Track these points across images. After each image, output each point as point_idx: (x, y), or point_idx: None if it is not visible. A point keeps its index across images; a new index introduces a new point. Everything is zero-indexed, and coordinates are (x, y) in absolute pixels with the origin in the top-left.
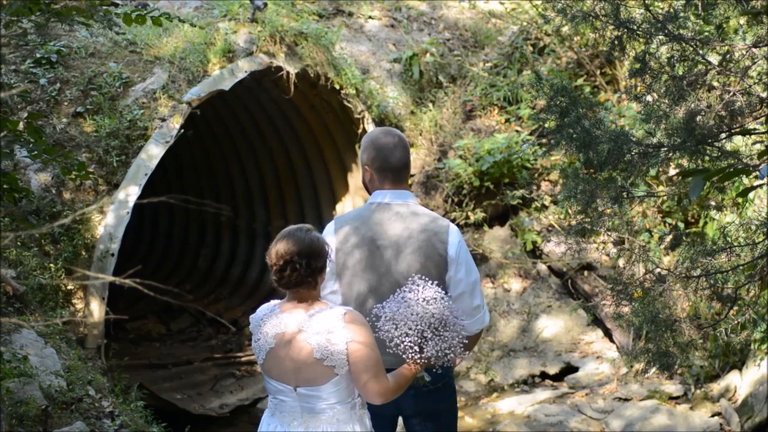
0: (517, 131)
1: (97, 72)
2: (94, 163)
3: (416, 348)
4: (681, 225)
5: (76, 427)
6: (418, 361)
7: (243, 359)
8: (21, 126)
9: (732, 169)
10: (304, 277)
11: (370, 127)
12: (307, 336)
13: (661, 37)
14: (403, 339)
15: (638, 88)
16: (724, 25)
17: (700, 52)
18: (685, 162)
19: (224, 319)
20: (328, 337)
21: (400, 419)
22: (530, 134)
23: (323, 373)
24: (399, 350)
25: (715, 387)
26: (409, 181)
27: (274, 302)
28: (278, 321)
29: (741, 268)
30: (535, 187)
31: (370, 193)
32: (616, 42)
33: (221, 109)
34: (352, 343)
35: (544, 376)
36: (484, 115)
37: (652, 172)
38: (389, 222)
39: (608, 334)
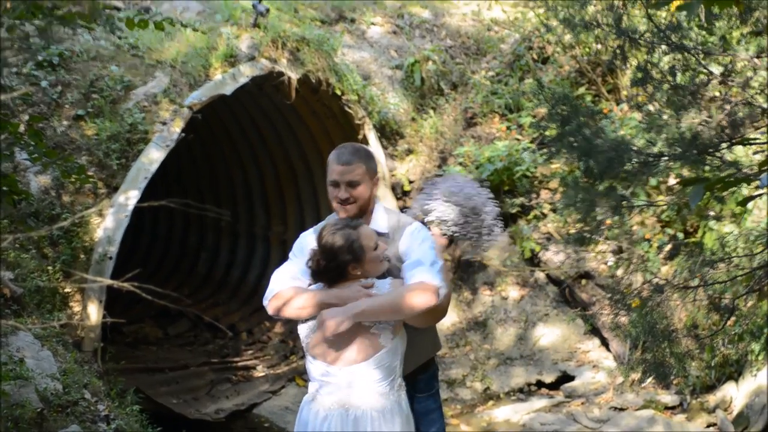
0: (517, 139)
1: (99, 75)
2: (94, 166)
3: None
4: (680, 235)
5: (72, 430)
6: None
7: (239, 364)
8: (21, 128)
9: (732, 179)
10: (317, 271)
11: (370, 133)
12: None
13: (663, 46)
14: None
15: (640, 98)
16: (727, 36)
17: (703, 62)
18: (685, 172)
19: (222, 323)
20: None
21: None
22: (531, 142)
23: (368, 345)
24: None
25: (711, 397)
26: (408, 188)
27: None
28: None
29: (739, 278)
30: (534, 196)
31: (368, 206)
32: (618, 51)
33: (223, 113)
34: None
35: (540, 384)
36: (484, 122)
37: (653, 181)
38: None
39: (605, 343)
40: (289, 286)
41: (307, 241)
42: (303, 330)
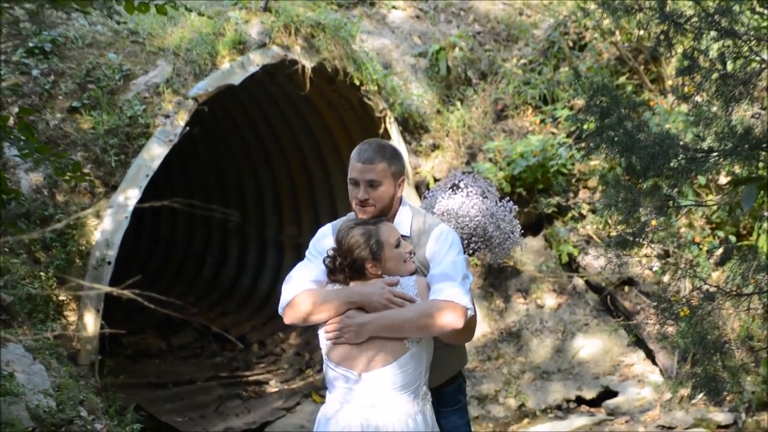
0: (552, 133)
1: (96, 64)
2: (91, 162)
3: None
4: (732, 238)
5: None
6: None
7: (250, 379)
8: (11, 122)
9: None
10: (332, 269)
11: (392, 127)
12: None
13: (712, 32)
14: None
15: (686, 88)
16: None
17: (755, 49)
18: (737, 169)
19: (231, 334)
20: None
21: None
22: (567, 136)
23: (393, 348)
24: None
25: None
26: (434, 186)
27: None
28: None
29: None
30: (571, 195)
31: (391, 208)
32: (661, 37)
33: (231, 105)
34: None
35: (580, 401)
36: (516, 115)
37: (701, 179)
38: None
39: (651, 355)
40: (305, 289)
41: (325, 240)
42: (323, 334)
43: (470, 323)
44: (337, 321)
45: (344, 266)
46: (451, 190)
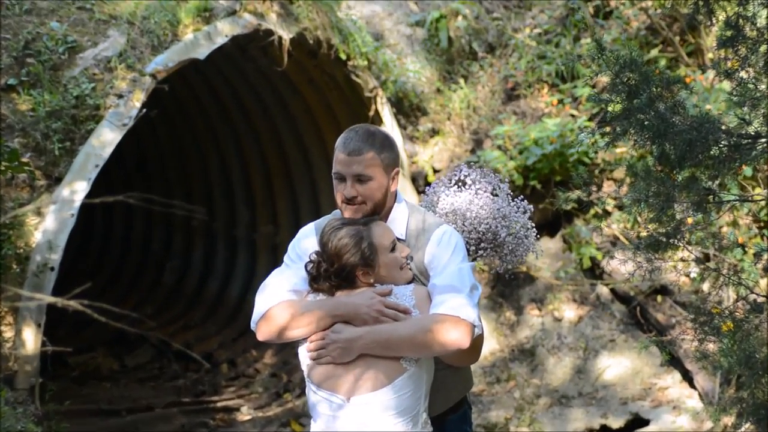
0: (572, 116)
1: (36, 34)
2: (30, 150)
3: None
4: None
5: None
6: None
7: (219, 405)
8: None
9: None
10: (315, 276)
11: (384, 109)
12: None
13: None
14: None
15: (729, 62)
16: None
17: None
18: None
19: (195, 351)
20: None
21: None
22: (589, 120)
23: (388, 368)
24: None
25: None
26: (433, 178)
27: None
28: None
29: None
30: (594, 188)
31: (384, 206)
32: (700, 2)
33: (195, 83)
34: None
35: (605, 430)
36: (530, 94)
37: (747, 170)
38: None
39: (688, 377)
40: (282, 300)
41: (307, 241)
42: (304, 352)
43: (477, 342)
44: (322, 336)
45: (330, 273)
46: (456, 186)
